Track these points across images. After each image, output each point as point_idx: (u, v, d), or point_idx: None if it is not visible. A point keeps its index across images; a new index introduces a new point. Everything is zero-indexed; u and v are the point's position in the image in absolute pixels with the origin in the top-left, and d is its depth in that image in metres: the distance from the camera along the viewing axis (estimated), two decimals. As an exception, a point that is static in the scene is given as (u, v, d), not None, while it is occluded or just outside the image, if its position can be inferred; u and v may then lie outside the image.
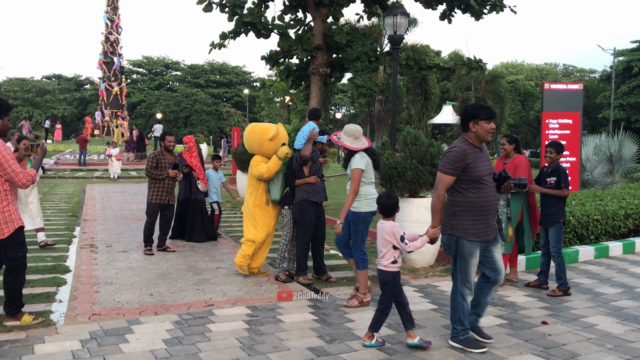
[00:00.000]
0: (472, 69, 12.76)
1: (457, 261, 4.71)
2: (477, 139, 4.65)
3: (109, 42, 38.91)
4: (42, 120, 56.01)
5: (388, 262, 4.72)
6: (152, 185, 8.46)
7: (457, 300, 4.76)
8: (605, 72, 51.10)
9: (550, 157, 6.57)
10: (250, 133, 7.07)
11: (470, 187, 4.60)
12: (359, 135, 6.03)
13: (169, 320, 5.29)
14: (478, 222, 4.61)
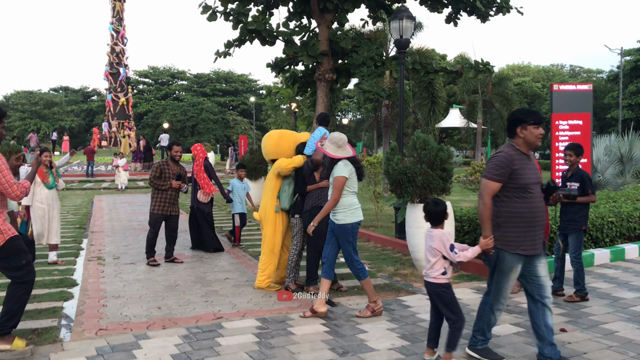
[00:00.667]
0: (479, 72, 12.61)
1: (495, 274, 4.47)
2: (525, 145, 4.39)
3: (115, 53, 39.05)
4: (49, 132, 56.31)
5: (437, 274, 4.43)
6: (155, 196, 8.37)
7: (484, 312, 4.57)
8: (613, 72, 50.74)
9: (569, 160, 6.32)
10: (283, 138, 6.96)
11: (516, 195, 4.33)
12: (342, 144, 5.83)
13: (177, 335, 5.18)
14: (523, 234, 4.33)
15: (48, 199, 8.33)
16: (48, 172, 8.38)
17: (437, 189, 7.55)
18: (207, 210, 9.49)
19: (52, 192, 8.41)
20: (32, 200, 8.22)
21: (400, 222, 9.67)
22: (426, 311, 5.88)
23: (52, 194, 8.41)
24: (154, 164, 8.55)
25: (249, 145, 32.41)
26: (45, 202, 8.29)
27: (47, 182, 8.32)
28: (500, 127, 29.24)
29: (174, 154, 8.48)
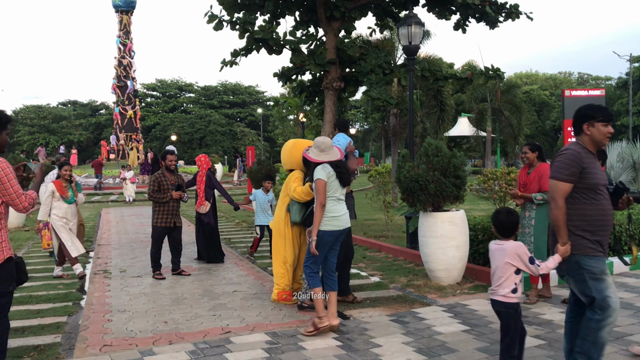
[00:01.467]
0: (489, 78, 12.38)
1: (588, 285, 3.90)
2: (592, 144, 4.02)
3: (122, 66, 39.17)
4: (58, 146, 56.51)
5: (507, 291, 3.97)
6: (157, 208, 8.19)
7: (596, 332, 3.91)
8: (622, 79, 50.43)
9: None
10: (296, 147, 6.63)
11: (584, 196, 3.95)
12: (325, 148, 5.64)
13: (184, 350, 4.98)
14: (594, 238, 3.94)
15: (67, 214, 8.10)
16: (67, 187, 8.16)
17: (451, 197, 7.34)
18: (207, 221, 9.33)
19: (72, 207, 8.21)
20: (51, 214, 8.05)
21: (412, 231, 9.45)
22: (442, 324, 5.68)
23: (72, 209, 8.20)
24: (150, 178, 8.36)
25: (257, 157, 32.30)
26: (64, 217, 8.08)
27: (66, 197, 8.11)
28: (509, 135, 28.98)
29: (169, 163, 8.30)
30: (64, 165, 8.21)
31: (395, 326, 5.65)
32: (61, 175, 8.21)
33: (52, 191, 8.07)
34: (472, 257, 8.03)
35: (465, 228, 7.38)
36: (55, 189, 8.08)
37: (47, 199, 8.04)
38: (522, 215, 6.63)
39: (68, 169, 8.19)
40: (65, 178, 8.17)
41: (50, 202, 8.05)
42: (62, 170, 8.16)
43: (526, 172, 6.69)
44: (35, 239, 12.20)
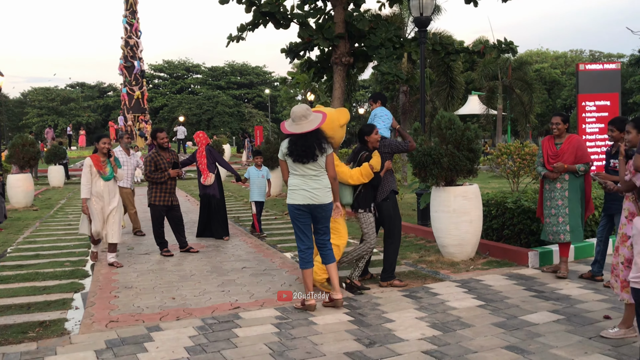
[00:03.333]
0: (502, 52, 12.11)
1: None
2: None
3: (129, 46, 38.87)
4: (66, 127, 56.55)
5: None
6: (154, 187, 8.00)
7: None
8: (635, 56, 49.58)
9: (612, 136, 5.78)
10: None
11: None
12: (295, 117, 5.26)
13: (191, 326, 4.86)
14: None
15: (105, 193, 7.25)
16: (106, 162, 7.33)
17: (464, 171, 7.14)
18: (212, 193, 9.25)
19: (110, 184, 7.33)
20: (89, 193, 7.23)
21: (423, 208, 9.29)
22: (456, 299, 5.54)
23: (110, 187, 7.33)
24: (146, 157, 8.17)
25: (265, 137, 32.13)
26: (101, 195, 7.25)
27: (104, 173, 7.26)
28: (520, 113, 28.59)
29: (161, 141, 8.10)
30: (102, 138, 7.37)
31: (408, 301, 5.50)
32: (99, 149, 7.41)
33: (89, 166, 7.20)
34: (485, 232, 7.86)
35: (478, 203, 7.20)
36: (92, 164, 7.22)
37: (86, 175, 7.19)
38: (552, 187, 6.36)
39: (107, 142, 7.33)
40: (103, 152, 7.32)
41: (89, 178, 7.18)
42: (100, 143, 7.31)
43: (553, 143, 6.43)
44: (43, 218, 12.13)
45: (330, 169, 5.33)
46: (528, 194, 8.09)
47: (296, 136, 5.25)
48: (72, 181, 23.27)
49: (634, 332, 4.35)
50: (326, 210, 5.35)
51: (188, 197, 16.78)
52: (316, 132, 5.25)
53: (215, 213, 9.27)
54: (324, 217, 5.36)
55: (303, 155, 5.21)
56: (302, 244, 5.39)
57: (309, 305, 5.25)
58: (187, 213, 12.48)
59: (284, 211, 12.48)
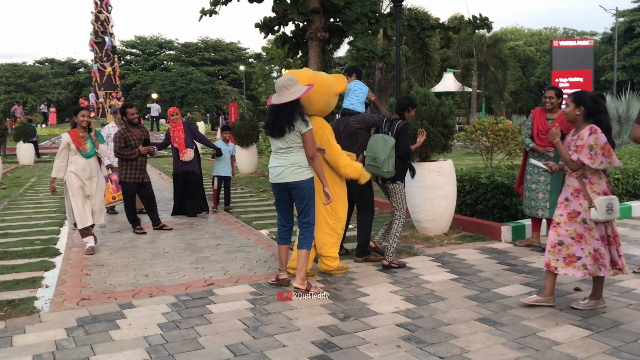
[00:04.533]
0: (477, 28, 12.09)
1: None
2: None
3: (99, 21, 37.93)
4: (37, 105, 55.24)
5: None
6: (124, 164, 7.82)
7: None
8: (607, 34, 50.16)
9: None
10: (317, 85, 5.20)
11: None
12: (277, 88, 4.94)
13: (165, 303, 4.81)
14: None
15: (85, 171, 6.66)
16: (86, 137, 6.71)
17: (439, 147, 7.16)
18: (192, 169, 9.13)
19: (92, 161, 6.74)
20: (67, 170, 6.65)
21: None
22: (430, 273, 5.58)
23: (92, 164, 6.74)
24: (115, 134, 7.95)
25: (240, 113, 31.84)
26: (81, 174, 6.65)
27: (84, 149, 6.66)
28: (495, 90, 28.76)
29: (131, 117, 7.87)
30: (81, 111, 6.75)
31: (383, 275, 5.52)
32: (77, 123, 6.72)
33: (66, 143, 6.61)
34: (459, 208, 7.92)
35: (453, 178, 7.23)
36: (71, 140, 6.61)
37: (62, 152, 6.60)
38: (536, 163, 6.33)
39: (86, 115, 6.72)
40: (82, 126, 6.68)
41: (65, 155, 6.60)
42: (79, 116, 6.68)
43: (545, 117, 6.30)
44: (12, 197, 11.87)
45: (307, 148, 4.92)
46: (501, 170, 8.15)
47: (271, 108, 4.99)
48: (42, 159, 22.82)
49: (603, 303, 4.45)
50: (297, 189, 4.98)
51: (161, 174, 16.59)
52: (290, 105, 4.87)
53: (194, 190, 9.15)
54: (297, 197, 5.03)
55: (272, 129, 4.94)
56: (279, 221, 5.34)
57: (282, 280, 5.22)
58: (160, 191, 12.35)
59: (259, 188, 12.42)
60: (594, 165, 4.21)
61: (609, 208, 4.19)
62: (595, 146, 4.20)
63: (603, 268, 4.26)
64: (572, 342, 3.81)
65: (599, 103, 4.34)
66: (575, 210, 4.34)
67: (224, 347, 3.84)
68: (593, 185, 4.30)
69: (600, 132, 4.24)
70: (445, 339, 3.91)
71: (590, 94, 4.38)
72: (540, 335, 3.94)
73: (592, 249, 4.28)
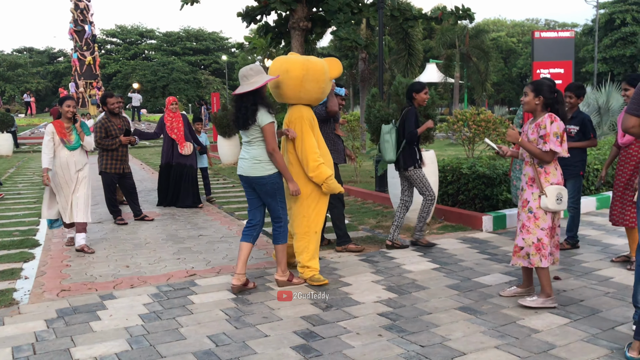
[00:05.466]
0: (459, 18, 12.13)
1: None
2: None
3: (79, 9, 37.35)
4: (16, 94, 54.43)
5: None
6: (105, 154, 7.69)
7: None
8: (588, 26, 50.58)
9: (569, 102, 5.83)
10: (310, 72, 4.86)
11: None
12: (240, 78, 4.73)
13: (146, 294, 4.79)
14: None
15: (69, 164, 6.27)
16: (71, 128, 6.34)
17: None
18: (189, 163, 8.97)
19: (76, 154, 6.33)
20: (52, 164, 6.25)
21: (381, 174, 9.33)
22: (412, 262, 5.61)
23: (77, 157, 6.32)
24: (96, 123, 7.82)
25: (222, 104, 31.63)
26: (66, 167, 6.27)
27: (69, 141, 6.28)
28: (477, 81, 28.90)
29: (111, 107, 7.74)
30: (66, 100, 6.35)
31: (365, 265, 5.55)
32: (62, 113, 6.33)
33: (51, 133, 6.23)
34: (441, 198, 7.96)
35: (435, 169, 7.26)
36: (55, 131, 6.25)
37: (48, 144, 6.20)
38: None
39: (71, 104, 6.32)
40: (67, 117, 6.29)
41: (51, 147, 6.21)
42: (64, 106, 6.28)
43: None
44: (-9, 187, 11.68)
45: (267, 142, 4.64)
46: (483, 160, 8.21)
47: (234, 98, 4.77)
48: (21, 150, 22.50)
49: (553, 302, 4.27)
50: (259, 185, 4.74)
51: (142, 165, 16.43)
52: (251, 95, 4.62)
53: (190, 183, 9.00)
54: (261, 192, 4.79)
55: (235, 121, 4.74)
56: (248, 215, 5.01)
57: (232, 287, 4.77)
58: (141, 181, 12.25)
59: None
60: (565, 153, 4.22)
61: (559, 198, 4.18)
62: (559, 133, 4.20)
63: (544, 259, 4.21)
64: (550, 330, 3.86)
65: (557, 93, 4.32)
66: (526, 199, 4.33)
67: (205, 337, 3.83)
68: (548, 175, 4.26)
69: (559, 120, 4.24)
70: (426, 327, 3.94)
71: (548, 84, 4.32)
72: (519, 323, 3.99)
73: (535, 238, 4.24)
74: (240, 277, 4.77)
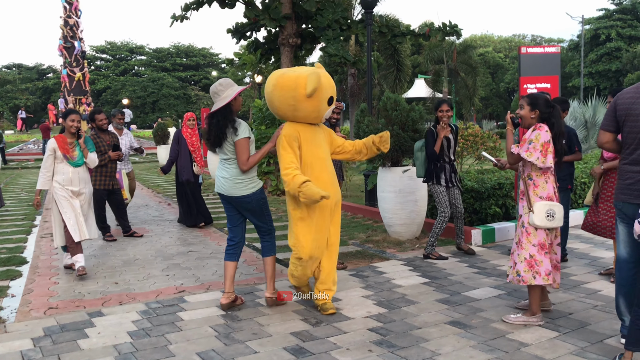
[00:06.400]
0: (447, 35, 12.26)
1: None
2: None
3: (69, 26, 37.34)
4: (4, 110, 54.09)
5: None
6: (95, 171, 7.48)
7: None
8: (574, 42, 51.30)
9: None
10: (277, 88, 4.55)
11: None
12: (211, 95, 4.63)
13: (135, 311, 4.75)
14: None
15: (74, 180, 5.96)
16: (74, 144, 6.03)
17: (409, 152, 7.22)
18: (200, 182, 8.88)
19: (81, 170, 6.06)
20: (53, 180, 5.95)
21: (371, 189, 9.36)
22: (402, 277, 5.61)
23: (81, 174, 6.06)
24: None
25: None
26: (69, 184, 5.94)
27: (72, 157, 5.97)
28: (465, 96, 29.13)
29: (100, 123, 7.64)
30: (71, 114, 6.01)
31: (355, 280, 5.54)
32: (66, 128, 6.02)
33: (52, 149, 5.93)
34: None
35: (424, 186, 7.29)
36: (57, 146, 5.93)
37: (48, 160, 5.91)
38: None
39: (75, 119, 5.98)
40: (71, 131, 5.99)
41: (51, 164, 5.92)
42: (68, 120, 5.96)
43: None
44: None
45: (238, 158, 4.53)
46: (471, 174, 8.26)
47: (207, 117, 4.63)
48: (9, 166, 22.35)
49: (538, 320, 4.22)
50: (244, 203, 4.64)
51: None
52: (222, 112, 4.52)
53: (201, 199, 8.81)
54: (246, 210, 4.69)
55: (208, 140, 4.59)
56: (228, 233, 4.91)
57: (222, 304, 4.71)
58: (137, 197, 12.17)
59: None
60: (530, 158, 4.10)
61: (549, 214, 4.08)
62: (535, 141, 4.11)
63: (537, 276, 4.11)
64: (540, 343, 3.87)
65: (553, 107, 4.28)
66: (520, 214, 4.31)
67: (194, 354, 3.81)
68: (537, 188, 4.19)
69: (545, 130, 4.14)
70: (416, 342, 3.94)
71: (545, 97, 4.31)
72: (509, 337, 4.00)
73: (527, 254, 4.16)
74: (229, 295, 4.73)
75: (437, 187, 6.39)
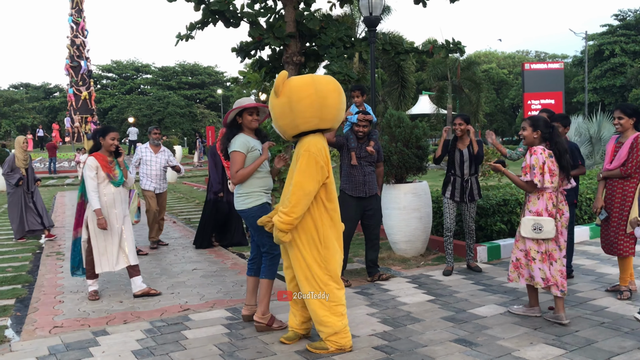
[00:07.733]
0: (450, 52, 12.32)
1: None
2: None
3: (75, 45, 37.75)
4: (12, 129, 54.44)
5: None
6: None
7: None
8: (577, 57, 51.39)
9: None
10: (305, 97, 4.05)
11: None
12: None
13: (139, 329, 4.75)
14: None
15: (116, 202, 5.70)
16: (114, 162, 5.77)
17: (413, 168, 7.23)
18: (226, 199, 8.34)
19: (122, 191, 5.80)
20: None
21: (375, 205, 9.34)
22: (407, 294, 5.59)
23: (122, 194, 5.81)
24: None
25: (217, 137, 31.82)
26: (112, 205, 5.68)
27: (114, 177, 5.69)
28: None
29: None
30: (110, 132, 5.69)
31: (360, 298, 5.52)
32: (104, 146, 5.71)
33: (95, 168, 5.58)
34: (435, 229, 7.96)
35: (428, 199, 7.29)
36: (100, 165, 5.62)
37: (93, 180, 5.55)
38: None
39: (115, 137, 5.70)
40: (110, 150, 5.73)
41: (96, 184, 5.58)
42: (108, 138, 5.65)
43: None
44: (-16, 223, 11.63)
45: (230, 168, 4.70)
46: (476, 191, 8.23)
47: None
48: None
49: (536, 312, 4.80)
50: (244, 217, 4.73)
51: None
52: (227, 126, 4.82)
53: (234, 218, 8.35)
54: (248, 224, 4.74)
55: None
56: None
57: (243, 316, 4.85)
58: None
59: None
60: (541, 184, 4.51)
61: (536, 227, 4.55)
62: (535, 165, 4.54)
63: (521, 277, 4.75)
64: (546, 361, 3.84)
65: (553, 127, 4.69)
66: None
67: (199, 373, 3.79)
68: (529, 203, 4.68)
69: (539, 153, 4.54)
70: (421, 360, 3.92)
71: (544, 118, 4.75)
72: (515, 354, 3.97)
73: (514, 257, 4.80)
74: (250, 307, 4.85)
75: (443, 199, 6.53)
